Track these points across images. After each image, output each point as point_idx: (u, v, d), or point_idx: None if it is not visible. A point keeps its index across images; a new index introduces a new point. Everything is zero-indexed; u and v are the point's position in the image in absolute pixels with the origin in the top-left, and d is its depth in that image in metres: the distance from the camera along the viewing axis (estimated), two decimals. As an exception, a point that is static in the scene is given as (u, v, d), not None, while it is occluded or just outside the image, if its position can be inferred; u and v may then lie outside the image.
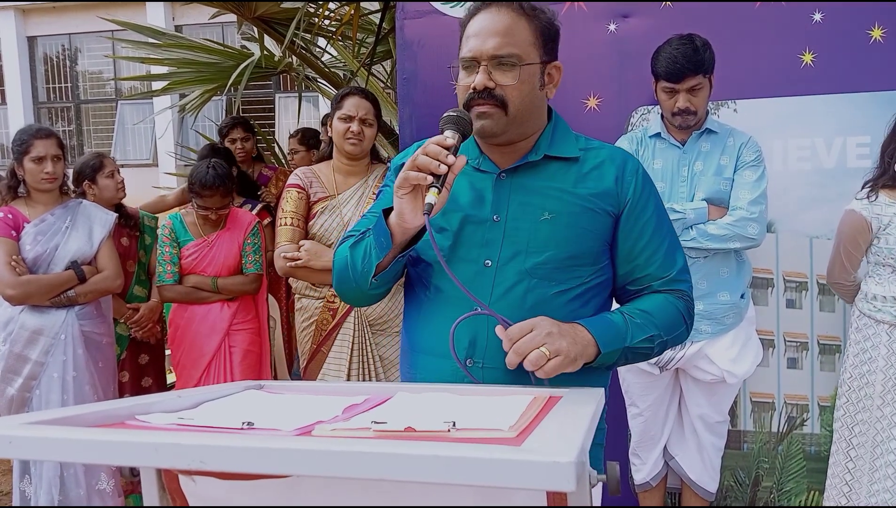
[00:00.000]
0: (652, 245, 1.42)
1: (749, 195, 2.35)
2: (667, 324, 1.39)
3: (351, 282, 1.41)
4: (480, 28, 1.35)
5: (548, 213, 1.37)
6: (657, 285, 1.43)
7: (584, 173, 1.41)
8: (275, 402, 1.16)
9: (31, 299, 2.72)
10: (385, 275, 1.36)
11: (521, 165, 1.40)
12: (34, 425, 0.92)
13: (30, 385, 2.73)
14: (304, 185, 2.66)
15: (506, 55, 1.33)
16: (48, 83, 12.65)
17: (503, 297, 1.35)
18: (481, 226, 1.38)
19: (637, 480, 2.65)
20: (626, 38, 2.69)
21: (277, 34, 4.27)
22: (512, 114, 1.35)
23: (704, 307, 2.39)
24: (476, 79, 1.33)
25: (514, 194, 1.39)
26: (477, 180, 1.42)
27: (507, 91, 1.34)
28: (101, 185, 3.22)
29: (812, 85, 2.58)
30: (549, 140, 1.42)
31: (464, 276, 1.35)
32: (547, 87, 1.41)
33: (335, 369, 2.63)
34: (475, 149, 1.43)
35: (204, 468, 0.80)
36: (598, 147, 1.46)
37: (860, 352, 2.45)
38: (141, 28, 4.95)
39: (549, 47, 1.39)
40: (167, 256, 3.09)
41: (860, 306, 2.48)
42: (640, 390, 2.54)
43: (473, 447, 0.77)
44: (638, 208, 1.41)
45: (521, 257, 1.36)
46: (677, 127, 2.43)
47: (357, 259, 1.38)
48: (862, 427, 2.42)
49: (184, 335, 3.09)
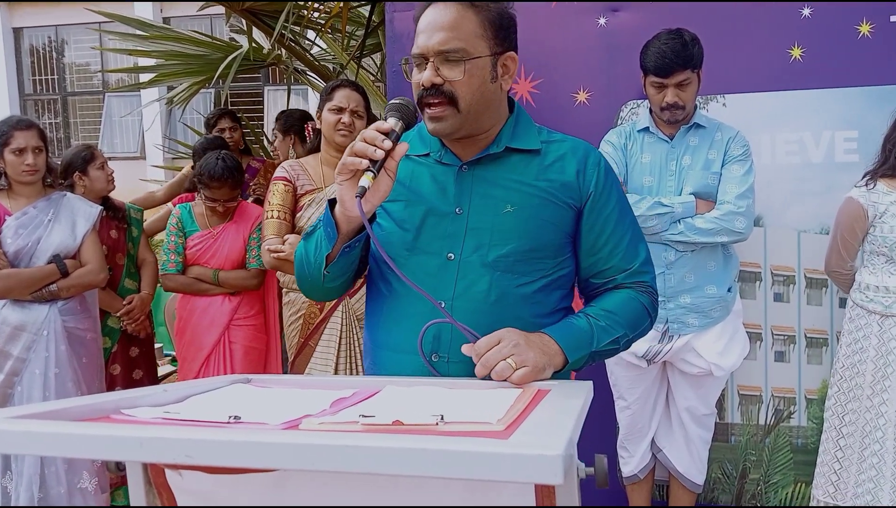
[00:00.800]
0: (615, 238, 1.42)
1: (736, 189, 2.36)
2: (631, 321, 1.40)
3: (308, 275, 1.40)
4: (427, 24, 1.33)
5: (510, 205, 1.36)
6: (621, 278, 1.43)
7: (546, 166, 1.40)
8: (262, 396, 1.15)
9: (11, 294, 2.69)
10: (336, 267, 1.35)
11: (483, 158, 1.39)
12: (18, 419, 0.91)
13: (11, 382, 2.70)
14: (290, 177, 2.65)
15: (451, 50, 1.31)
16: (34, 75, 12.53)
17: (466, 290, 1.34)
18: (444, 219, 1.37)
19: (625, 473, 2.66)
20: (616, 32, 2.69)
21: (266, 26, 4.25)
22: (463, 109, 1.33)
23: (692, 301, 2.40)
24: (424, 75, 1.32)
25: (476, 186, 1.38)
26: (439, 173, 1.41)
27: (456, 86, 1.32)
28: (92, 176, 3.19)
29: (800, 80, 2.59)
30: (510, 132, 1.41)
31: (426, 269, 1.36)
32: (501, 78, 1.38)
33: (322, 363, 2.63)
34: (437, 142, 1.42)
35: (190, 462, 0.80)
36: (561, 140, 1.45)
37: (852, 342, 2.46)
38: (128, 20, 4.91)
39: (501, 38, 1.36)
40: (172, 245, 3.08)
41: (853, 296, 2.49)
42: (627, 383, 2.55)
43: (461, 440, 0.77)
44: (601, 200, 1.41)
45: (483, 249, 1.35)
46: (666, 122, 2.43)
47: (310, 252, 1.38)
48: (852, 417, 2.44)
49: (185, 328, 3.08)
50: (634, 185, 2.45)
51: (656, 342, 2.43)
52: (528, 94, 2.78)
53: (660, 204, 2.35)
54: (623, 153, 2.47)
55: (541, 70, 2.77)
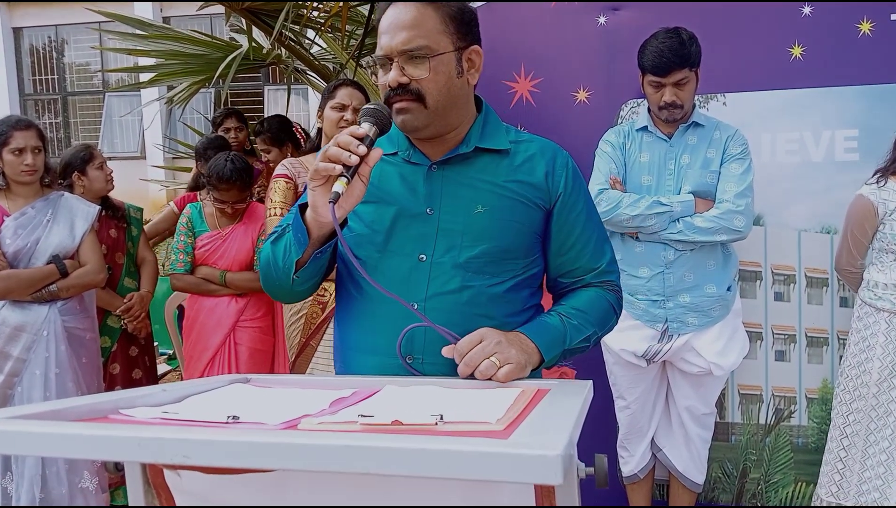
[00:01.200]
0: (583, 238, 1.44)
1: (735, 188, 2.35)
2: (600, 319, 1.43)
3: (275, 279, 1.38)
4: (389, 24, 1.33)
5: (481, 206, 1.36)
6: (589, 277, 1.46)
7: (515, 166, 1.40)
8: (261, 396, 1.15)
9: (11, 295, 2.69)
10: (307, 271, 1.34)
11: (452, 158, 1.39)
12: (16, 419, 0.91)
13: (11, 382, 2.70)
14: (291, 175, 2.65)
15: (415, 48, 1.30)
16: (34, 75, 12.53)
17: (438, 291, 1.34)
18: (415, 219, 1.37)
19: (625, 472, 2.66)
20: (616, 31, 2.69)
21: (266, 26, 4.24)
22: (431, 106, 1.33)
23: (691, 300, 2.40)
24: (390, 76, 1.32)
25: (446, 186, 1.38)
26: (408, 173, 1.40)
27: (423, 84, 1.31)
28: (90, 176, 3.18)
29: (801, 78, 2.59)
30: (479, 132, 1.41)
31: (398, 271, 1.36)
32: (468, 73, 1.38)
33: (324, 362, 2.62)
34: (405, 141, 1.42)
35: (188, 462, 0.79)
36: (529, 140, 1.45)
37: (860, 340, 2.45)
38: (128, 19, 4.91)
39: (463, 33, 1.36)
40: (181, 244, 3.08)
41: (862, 294, 2.47)
42: (627, 382, 2.55)
43: (460, 440, 0.77)
44: (570, 202, 1.42)
45: (455, 250, 1.35)
46: (664, 121, 2.43)
47: (278, 256, 1.35)
48: (857, 416, 2.43)
49: (192, 327, 3.08)
50: (633, 184, 2.45)
51: (656, 342, 2.43)
52: (528, 93, 2.78)
53: (658, 203, 2.35)
54: (622, 152, 2.47)
55: (541, 69, 2.77)
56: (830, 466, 2.49)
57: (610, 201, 2.37)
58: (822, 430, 2.67)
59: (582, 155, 2.57)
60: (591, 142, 2.54)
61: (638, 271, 2.43)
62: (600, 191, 2.40)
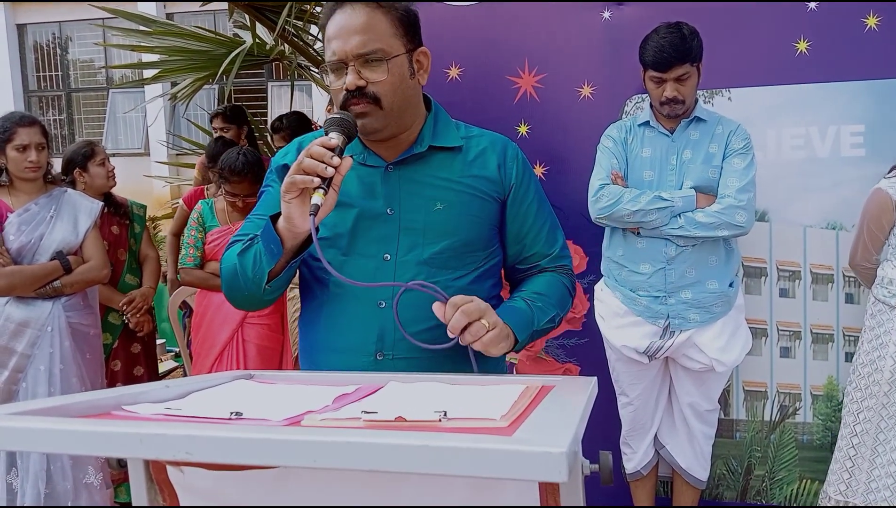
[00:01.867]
0: (536, 226, 1.50)
1: (737, 183, 2.34)
2: (560, 301, 1.49)
3: (242, 290, 1.38)
4: (340, 29, 1.34)
5: (440, 203, 1.40)
6: (544, 262, 1.53)
7: (468, 162, 1.45)
8: (264, 392, 1.15)
9: (15, 291, 2.69)
10: (280, 281, 1.35)
11: (407, 158, 1.42)
12: (19, 415, 0.91)
13: (16, 378, 2.70)
14: None
15: (371, 52, 1.32)
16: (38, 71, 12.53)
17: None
18: (376, 221, 1.40)
19: (628, 469, 2.65)
20: (620, 26, 2.68)
21: (269, 22, 4.24)
22: (387, 108, 1.35)
23: (693, 296, 2.39)
24: (347, 80, 1.33)
25: (404, 185, 1.41)
26: (365, 175, 1.42)
27: (379, 87, 1.34)
28: (92, 173, 3.19)
29: (806, 73, 2.57)
30: (431, 131, 1.44)
31: (364, 271, 1.38)
32: (418, 74, 1.41)
33: None
34: (358, 144, 1.43)
35: (190, 459, 0.79)
36: (479, 134, 1.49)
37: (873, 338, 2.41)
38: (132, 16, 4.90)
39: (411, 35, 1.39)
40: (192, 239, 3.09)
41: (876, 292, 2.43)
42: (629, 379, 2.54)
43: (464, 437, 0.76)
44: (521, 191, 1.48)
45: (418, 249, 1.39)
46: (665, 116, 2.42)
47: (247, 267, 1.35)
48: (867, 414, 2.39)
49: (200, 323, 3.09)
50: (635, 179, 2.44)
51: (658, 338, 2.42)
52: (533, 88, 2.77)
53: (660, 198, 2.34)
54: (623, 148, 2.46)
55: (545, 65, 2.76)
56: (840, 464, 2.46)
57: (611, 196, 2.36)
58: (827, 427, 2.66)
59: (586, 150, 2.57)
60: (594, 137, 2.53)
61: (639, 267, 2.42)
62: (601, 186, 2.39)
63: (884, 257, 2.44)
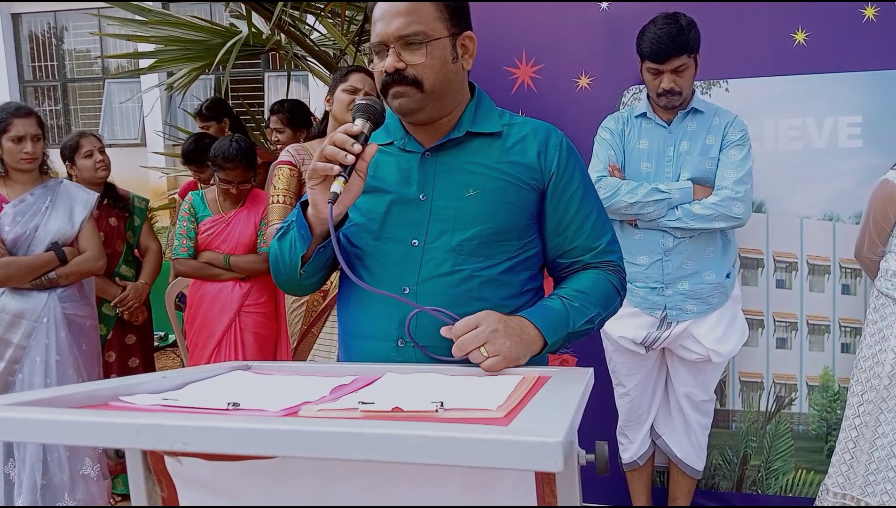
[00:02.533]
0: (579, 217, 1.43)
1: (734, 175, 2.34)
2: (603, 300, 1.41)
3: (283, 274, 1.42)
4: (384, 11, 1.34)
5: (472, 189, 1.38)
6: (587, 257, 1.44)
7: (507, 148, 1.41)
8: (262, 383, 1.15)
9: (10, 282, 2.69)
10: (312, 266, 1.37)
11: (444, 143, 1.40)
12: (16, 406, 0.91)
13: (13, 369, 2.70)
14: (295, 162, 2.63)
15: (411, 34, 1.32)
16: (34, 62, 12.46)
17: (430, 275, 1.36)
18: (408, 206, 1.39)
19: (625, 459, 2.66)
20: (618, 17, 2.67)
21: (265, 11, 4.21)
22: (428, 90, 1.34)
23: (690, 287, 2.40)
24: (387, 62, 1.33)
25: (439, 171, 1.40)
26: (403, 161, 1.42)
27: (419, 69, 1.33)
28: (78, 165, 3.18)
29: (804, 64, 2.57)
30: (471, 117, 1.42)
31: (392, 256, 1.38)
32: (462, 59, 1.40)
33: (326, 349, 2.62)
34: (400, 129, 1.44)
35: (187, 449, 0.79)
36: (522, 122, 1.46)
37: (875, 332, 2.39)
38: (128, 5, 4.86)
39: (457, 19, 1.38)
40: (184, 230, 3.08)
41: (878, 284, 2.41)
42: (626, 369, 2.55)
43: (460, 427, 0.77)
44: (563, 181, 1.42)
45: (447, 235, 1.37)
46: (663, 107, 2.41)
47: (285, 251, 1.39)
48: (867, 407, 2.39)
49: (196, 314, 3.07)
50: (632, 171, 2.44)
51: (655, 329, 2.43)
52: (530, 79, 2.77)
53: (657, 190, 2.34)
54: (620, 139, 2.46)
55: (542, 55, 2.75)
56: (839, 457, 2.46)
57: (608, 188, 2.36)
58: (822, 417, 2.68)
59: (583, 141, 2.56)
60: (592, 128, 2.53)
61: (637, 259, 2.42)
62: (599, 178, 2.39)
63: (889, 248, 2.42)
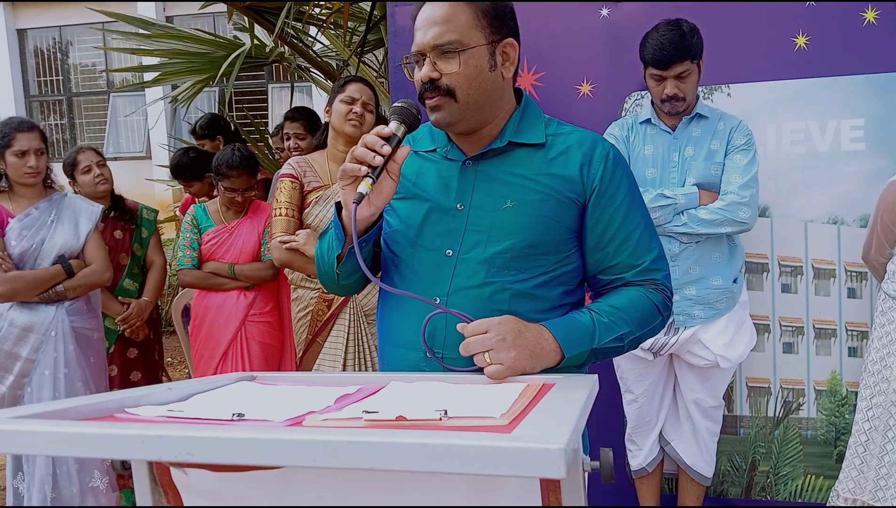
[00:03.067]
0: (622, 233, 1.37)
1: (740, 179, 2.34)
2: (639, 319, 1.36)
3: (324, 274, 1.46)
4: (423, 21, 1.35)
5: (510, 201, 1.35)
6: (630, 275, 1.38)
7: (549, 159, 1.38)
8: (266, 393, 1.15)
9: (18, 296, 2.70)
10: (347, 266, 1.38)
11: (486, 152, 1.39)
12: (22, 419, 0.91)
13: (21, 383, 2.71)
14: (297, 174, 2.64)
15: (446, 43, 1.31)
16: (39, 76, 12.54)
17: (462, 287, 1.34)
18: (445, 215, 1.38)
19: (633, 466, 2.65)
20: (619, 23, 2.68)
21: (268, 23, 4.24)
22: (462, 100, 1.33)
23: (697, 292, 2.39)
24: (422, 71, 1.34)
25: (478, 181, 1.38)
26: (444, 169, 1.41)
27: (453, 79, 1.32)
28: (79, 181, 3.19)
29: (806, 68, 2.57)
30: (515, 126, 1.40)
31: (425, 264, 1.38)
32: (502, 66, 1.37)
33: (331, 359, 2.62)
34: (444, 138, 1.43)
35: (192, 460, 0.79)
36: (569, 132, 1.41)
37: (883, 335, 2.37)
38: (132, 19, 4.91)
39: (497, 26, 1.35)
40: (187, 241, 3.10)
41: (886, 287, 2.39)
42: (634, 376, 2.54)
43: (463, 434, 0.77)
44: (606, 194, 1.37)
45: (482, 246, 1.35)
46: (667, 113, 2.42)
47: (324, 251, 1.43)
48: (877, 411, 2.36)
49: (201, 326, 3.08)
50: (637, 177, 2.42)
51: (662, 335, 2.42)
52: (532, 86, 2.77)
53: (663, 196, 2.34)
54: (625, 145, 2.46)
55: (544, 62, 2.76)
56: (849, 461, 2.44)
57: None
58: (830, 422, 2.66)
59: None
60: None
61: (643, 264, 2.42)
62: None
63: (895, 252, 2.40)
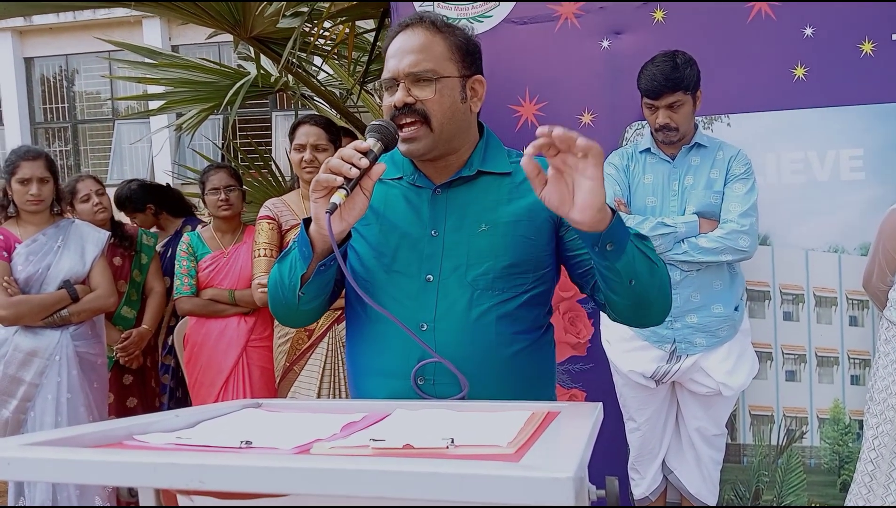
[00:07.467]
0: None
1: (739, 208, 2.36)
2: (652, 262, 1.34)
3: (281, 299, 1.40)
4: (397, 49, 1.37)
5: (485, 224, 1.39)
6: None
7: (517, 185, 1.42)
8: (273, 421, 1.16)
9: (23, 320, 2.71)
10: (311, 287, 1.35)
11: (455, 180, 1.42)
12: (32, 446, 0.92)
13: (25, 407, 2.72)
14: (273, 215, 2.72)
15: (422, 71, 1.35)
16: (45, 104, 12.67)
17: (448, 311, 1.36)
18: (420, 242, 1.39)
19: (636, 495, 2.64)
20: (620, 55, 2.71)
21: (273, 53, 4.30)
22: (436, 128, 1.36)
23: (698, 320, 2.40)
24: (396, 96, 1.35)
25: (450, 208, 1.41)
26: (413, 196, 1.43)
27: (428, 105, 1.35)
28: (78, 210, 3.22)
29: (804, 98, 2.60)
30: (481, 155, 1.44)
31: (407, 291, 1.38)
32: (470, 100, 1.42)
33: (306, 388, 2.65)
34: (409, 165, 1.45)
35: (202, 487, 0.80)
36: None
37: (888, 363, 2.35)
38: (137, 48, 4.98)
39: (468, 62, 1.40)
40: (184, 269, 3.10)
41: (889, 314, 2.38)
42: (637, 404, 2.54)
43: (471, 463, 0.77)
44: None
45: (461, 269, 1.37)
46: (661, 142, 2.45)
47: (284, 273, 1.37)
48: (883, 440, 2.34)
49: (200, 353, 3.05)
50: (637, 206, 2.46)
51: (664, 363, 2.42)
52: (534, 116, 2.81)
53: (663, 224, 2.36)
54: (626, 175, 2.49)
55: (545, 93, 2.79)
56: (855, 491, 2.40)
57: (615, 223, 2.38)
58: (834, 451, 2.65)
59: (588, 177, 2.59)
60: (596, 164, 2.55)
61: (645, 292, 2.43)
62: None
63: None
